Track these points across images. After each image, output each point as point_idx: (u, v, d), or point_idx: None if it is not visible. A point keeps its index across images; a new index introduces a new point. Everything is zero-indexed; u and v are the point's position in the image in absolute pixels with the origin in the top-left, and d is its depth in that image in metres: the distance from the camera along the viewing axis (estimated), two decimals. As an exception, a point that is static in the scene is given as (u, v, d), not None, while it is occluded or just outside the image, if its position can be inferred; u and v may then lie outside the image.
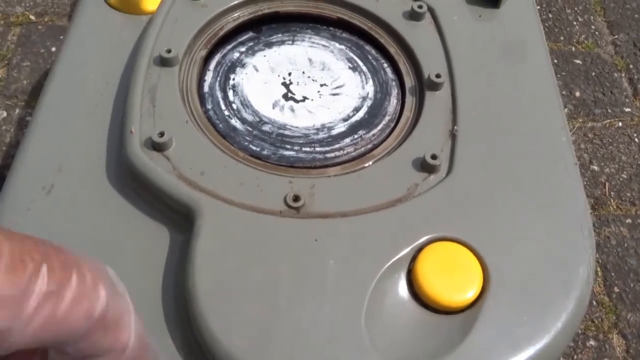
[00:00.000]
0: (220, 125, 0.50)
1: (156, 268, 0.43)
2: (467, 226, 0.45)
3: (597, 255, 1.06)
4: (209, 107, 0.51)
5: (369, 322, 0.40)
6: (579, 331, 0.97)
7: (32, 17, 1.23)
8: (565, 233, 0.45)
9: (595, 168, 1.20)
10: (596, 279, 1.03)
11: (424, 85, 0.53)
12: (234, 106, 0.51)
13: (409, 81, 0.55)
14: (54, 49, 1.18)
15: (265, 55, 0.56)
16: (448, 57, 0.55)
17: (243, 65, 0.55)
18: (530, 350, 0.40)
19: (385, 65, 0.57)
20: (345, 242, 0.43)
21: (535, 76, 0.54)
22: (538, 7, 1.53)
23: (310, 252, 0.42)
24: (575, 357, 0.94)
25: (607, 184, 1.17)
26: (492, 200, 0.46)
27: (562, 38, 1.44)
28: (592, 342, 0.96)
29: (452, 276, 0.42)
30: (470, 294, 0.42)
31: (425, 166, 0.47)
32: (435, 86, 0.52)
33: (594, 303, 1.00)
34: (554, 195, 0.47)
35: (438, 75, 0.52)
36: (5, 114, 1.09)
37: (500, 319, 0.41)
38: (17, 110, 1.10)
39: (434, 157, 0.47)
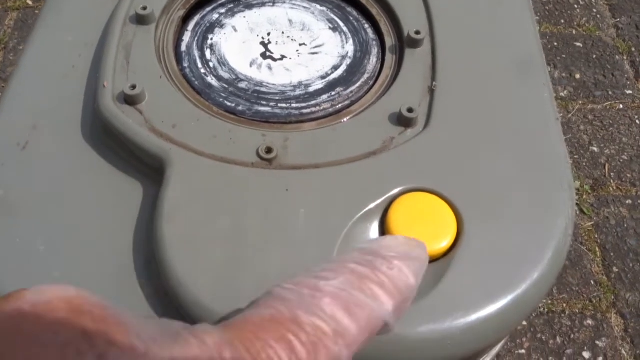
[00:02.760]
0: (196, 82, 0.49)
1: (129, 220, 0.43)
2: (442, 178, 0.44)
3: (597, 236, 1.05)
4: (185, 65, 0.51)
5: (339, 270, 0.39)
6: (577, 310, 0.96)
7: (30, 2, 1.24)
8: (544, 186, 0.44)
9: (595, 149, 1.18)
10: (595, 259, 1.02)
11: (404, 44, 0.52)
12: (211, 64, 0.51)
13: (390, 40, 0.54)
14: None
15: (245, 17, 0.56)
16: (429, 14, 0.54)
17: (222, 26, 0.55)
18: (504, 300, 0.40)
19: (367, 26, 0.56)
20: (316, 192, 0.42)
21: (518, 32, 0.54)
22: (538, -10, 1.51)
23: (281, 202, 0.42)
24: (572, 336, 0.93)
25: (607, 165, 1.16)
26: (469, 153, 0.46)
27: (562, 21, 1.42)
28: (589, 322, 0.95)
29: (425, 226, 0.41)
30: (444, 244, 0.41)
31: (401, 120, 0.47)
32: (415, 43, 0.52)
33: (592, 283, 0.99)
34: (534, 149, 0.46)
35: (418, 32, 0.52)
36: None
37: (474, 269, 0.40)
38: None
39: (410, 110, 0.46)
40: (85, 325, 0.21)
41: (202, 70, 0.50)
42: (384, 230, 0.42)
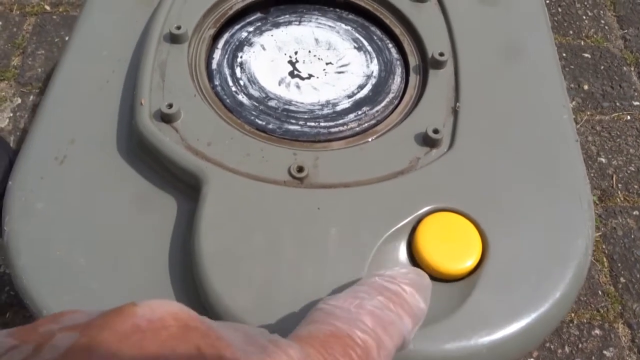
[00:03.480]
0: (228, 100, 0.51)
1: (165, 235, 0.45)
2: (467, 197, 0.45)
3: (604, 246, 1.06)
4: (217, 83, 0.52)
5: (369, 287, 0.41)
6: (585, 320, 0.97)
7: (47, 7, 1.26)
8: (565, 206, 0.46)
9: (603, 160, 1.20)
10: (602, 269, 1.03)
11: (427, 64, 0.54)
12: (241, 82, 0.53)
13: (413, 60, 0.56)
14: (67, 38, 1.20)
15: (272, 35, 0.57)
16: (452, 36, 0.55)
17: (251, 44, 0.56)
18: (528, 318, 0.41)
19: (390, 45, 0.58)
20: (347, 211, 0.44)
21: (538, 55, 0.55)
22: (547, 1, 1.53)
23: (313, 220, 0.43)
24: (580, 345, 0.95)
25: (614, 176, 1.17)
26: (492, 173, 0.47)
27: (571, 32, 1.44)
28: (597, 331, 0.96)
29: (452, 245, 0.43)
30: (469, 263, 0.43)
31: (427, 140, 0.48)
32: (438, 64, 0.53)
33: (600, 293, 1.01)
34: (555, 170, 0.48)
35: (441, 54, 0.53)
36: (20, 100, 1.12)
37: (498, 287, 0.42)
38: (32, 97, 1.12)
39: (435, 131, 0.48)
40: (196, 341, 0.23)
41: (233, 88, 0.52)
42: (411, 249, 0.44)
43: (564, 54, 1.39)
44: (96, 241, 0.44)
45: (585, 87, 1.32)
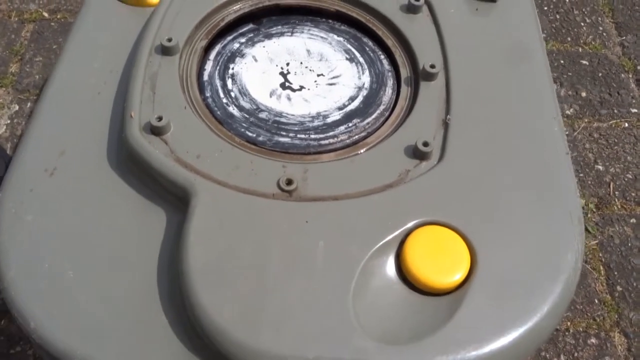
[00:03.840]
0: (218, 112, 0.51)
1: (153, 247, 0.45)
2: (456, 211, 0.45)
3: (601, 254, 1.06)
4: (208, 94, 0.53)
5: (357, 301, 0.41)
6: (580, 329, 0.97)
7: (45, 14, 1.26)
8: (555, 220, 0.46)
9: (600, 168, 1.20)
10: (599, 278, 1.03)
11: (419, 76, 0.54)
12: (232, 94, 0.53)
13: (405, 72, 0.56)
14: (61, 49, 1.21)
15: (264, 46, 0.57)
16: (444, 49, 0.55)
17: (242, 56, 0.56)
18: (516, 332, 0.41)
19: (382, 57, 0.58)
20: (335, 224, 0.44)
21: (530, 68, 0.55)
22: (545, 8, 1.53)
23: (301, 233, 0.43)
24: (576, 354, 0.94)
25: (611, 183, 1.17)
26: (482, 187, 0.47)
27: (569, 39, 1.44)
28: (593, 340, 0.96)
29: (440, 259, 0.43)
30: (457, 277, 0.43)
31: (417, 153, 0.48)
32: (430, 76, 0.53)
33: (596, 301, 1.00)
34: (545, 184, 0.48)
35: (432, 66, 0.53)
36: (17, 107, 1.12)
37: (487, 301, 0.42)
38: (29, 104, 1.12)
39: (425, 144, 0.48)
40: None
41: (224, 100, 0.52)
42: (400, 262, 0.44)
43: (562, 61, 1.39)
44: (85, 254, 0.44)
45: (583, 94, 1.32)
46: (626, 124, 1.28)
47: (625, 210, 1.13)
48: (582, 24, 1.48)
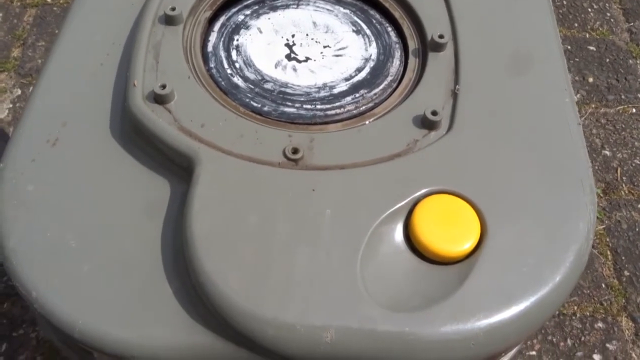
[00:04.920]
0: (223, 82, 0.50)
1: (157, 217, 0.44)
2: (466, 180, 0.44)
3: (608, 239, 1.05)
4: (212, 65, 0.52)
5: (364, 270, 0.40)
6: (587, 313, 0.96)
7: (48, -1, 1.25)
8: (566, 189, 0.45)
9: (607, 153, 1.18)
10: (606, 262, 1.02)
11: (427, 47, 0.53)
12: (237, 65, 0.52)
13: (413, 43, 0.55)
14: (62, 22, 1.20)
15: (269, 18, 0.56)
16: (452, 19, 0.54)
17: (247, 27, 0.55)
18: (526, 302, 0.40)
19: (390, 28, 0.57)
20: (342, 192, 0.43)
21: (539, 38, 0.54)
22: (552, -7, 1.51)
23: (307, 202, 0.42)
24: (583, 338, 0.93)
25: (619, 169, 1.16)
26: (492, 156, 0.46)
27: (576, 25, 1.42)
28: (600, 324, 0.95)
29: (449, 228, 0.42)
30: (467, 246, 0.42)
31: (425, 122, 0.47)
32: (438, 47, 0.52)
33: (603, 286, 0.99)
34: (556, 153, 0.47)
35: (441, 36, 0.52)
36: (20, 91, 1.11)
37: (496, 271, 0.41)
38: (32, 89, 1.11)
39: (434, 113, 0.47)
40: None
41: (229, 71, 0.51)
42: (408, 231, 0.43)
43: (569, 47, 1.37)
44: (87, 224, 0.43)
45: (590, 79, 1.31)
46: (634, 110, 1.26)
47: (632, 196, 1.12)
48: (590, 9, 1.46)
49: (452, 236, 0.42)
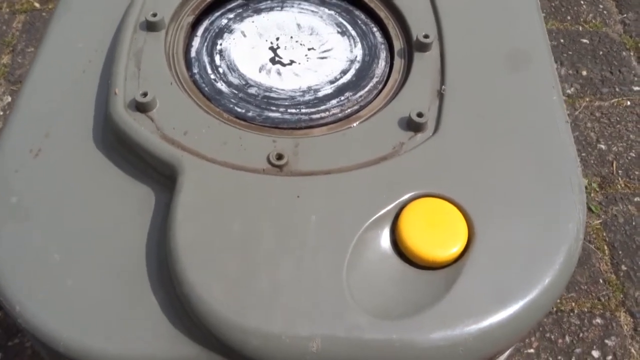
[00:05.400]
0: (206, 88, 0.50)
1: (141, 228, 0.43)
2: (452, 183, 0.44)
3: (605, 234, 1.05)
4: (195, 71, 0.51)
5: (350, 277, 0.39)
6: (585, 309, 0.96)
7: (37, 5, 1.24)
8: (555, 189, 0.45)
9: (603, 147, 1.18)
10: (603, 257, 1.02)
11: (412, 47, 0.52)
12: (220, 70, 0.51)
13: (398, 44, 0.54)
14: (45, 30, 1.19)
15: (253, 21, 0.56)
16: (437, 18, 0.54)
17: (231, 31, 0.55)
18: (516, 305, 0.40)
19: (375, 29, 0.56)
20: (327, 198, 0.42)
21: (526, 35, 0.53)
22: (544, -13, 1.50)
23: (292, 208, 0.42)
24: (581, 335, 0.93)
25: (614, 162, 1.15)
26: (479, 157, 0.46)
27: (568, 17, 1.42)
28: (598, 320, 0.94)
29: (436, 232, 0.41)
30: (454, 250, 0.41)
31: (411, 125, 0.47)
32: (424, 47, 0.52)
33: (601, 281, 0.99)
34: (544, 153, 0.46)
35: (426, 36, 0.52)
36: (9, 99, 1.11)
37: (485, 274, 0.40)
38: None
39: (420, 115, 0.46)
40: None
41: (212, 76, 0.51)
42: (395, 236, 0.42)
43: (562, 40, 1.36)
44: (71, 236, 0.43)
45: (584, 73, 1.30)
46: (628, 102, 1.26)
47: (628, 189, 1.11)
48: (582, 2, 1.46)
49: (440, 240, 0.41)
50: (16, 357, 0.84)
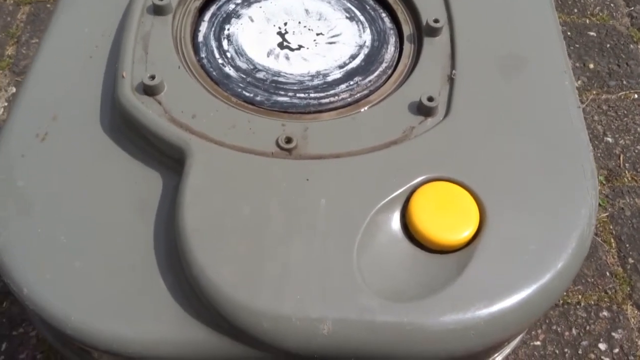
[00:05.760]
0: (214, 73, 0.49)
1: (149, 211, 0.43)
2: (464, 167, 0.43)
3: (611, 227, 1.04)
4: (203, 55, 0.51)
5: (361, 259, 0.39)
6: (592, 302, 0.95)
7: (41, -4, 1.24)
8: (567, 174, 0.44)
9: (610, 140, 1.17)
10: (610, 250, 1.01)
11: (422, 32, 0.52)
12: (228, 55, 0.51)
13: (408, 29, 0.53)
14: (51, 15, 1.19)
15: (261, 7, 0.55)
16: (447, 3, 0.53)
17: (238, 16, 0.54)
18: (528, 290, 0.39)
19: (384, 14, 0.55)
20: (337, 181, 0.42)
21: (537, 19, 0.53)
22: (551, -20, 1.49)
23: (302, 191, 0.41)
24: (588, 327, 0.92)
25: (621, 155, 1.14)
26: (490, 142, 0.45)
27: (575, 10, 1.41)
28: (605, 313, 0.94)
29: (448, 215, 0.41)
30: (466, 234, 0.41)
31: (421, 109, 0.46)
32: (433, 32, 0.51)
33: (608, 274, 0.98)
34: (556, 138, 0.46)
35: (436, 20, 0.51)
36: (14, 89, 1.10)
37: (497, 258, 0.40)
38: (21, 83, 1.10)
39: (430, 99, 0.46)
40: None
41: (220, 61, 0.50)
42: (405, 220, 0.42)
43: (569, 33, 1.35)
44: (78, 219, 0.43)
45: (591, 66, 1.29)
46: (635, 95, 1.25)
47: (635, 182, 1.10)
48: (589, -5, 1.44)
49: (451, 224, 0.41)
50: (20, 346, 0.84)
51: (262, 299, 0.37)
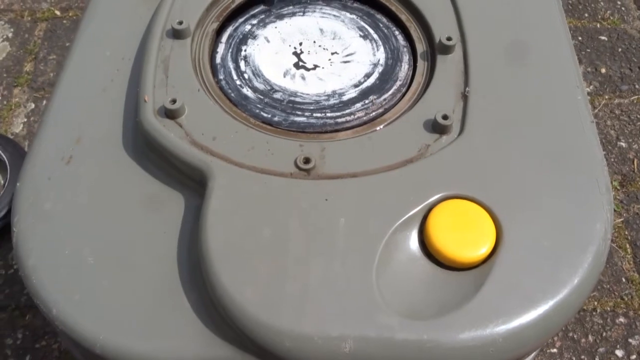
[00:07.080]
0: (232, 94, 0.50)
1: (173, 232, 0.44)
2: (479, 184, 0.44)
3: (627, 232, 1.04)
4: (221, 77, 0.52)
5: (380, 278, 0.40)
6: (608, 308, 0.95)
7: (57, 12, 1.27)
8: (582, 189, 0.45)
9: (623, 144, 1.17)
10: (625, 256, 1.01)
11: (435, 50, 0.53)
12: (246, 76, 0.52)
13: (421, 47, 0.54)
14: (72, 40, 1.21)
15: (276, 27, 0.56)
16: (460, 20, 0.54)
17: (254, 37, 0.55)
18: (545, 306, 0.40)
19: (397, 32, 0.56)
20: (355, 201, 0.43)
21: (548, 35, 0.54)
22: (561, -16, 1.49)
23: (321, 211, 0.42)
24: (604, 334, 0.92)
25: (635, 160, 1.14)
26: (505, 158, 0.46)
27: (586, 15, 1.41)
28: (621, 319, 0.94)
29: (465, 233, 0.42)
30: (483, 250, 0.42)
31: (436, 127, 0.47)
32: (446, 49, 0.52)
33: (624, 280, 0.98)
34: (570, 153, 0.47)
35: (449, 38, 0.52)
36: (33, 105, 1.13)
37: (514, 275, 0.41)
38: (45, 102, 1.13)
39: (445, 117, 0.47)
40: None
41: (238, 82, 0.51)
42: (423, 238, 0.43)
43: (580, 38, 1.35)
44: (104, 240, 0.44)
45: (603, 70, 1.29)
46: (648, 99, 1.25)
47: (650, 187, 1.10)
48: (600, -1, 1.44)
49: (468, 241, 0.42)
50: (43, 359, 0.86)
51: (285, 318, 0.38)
